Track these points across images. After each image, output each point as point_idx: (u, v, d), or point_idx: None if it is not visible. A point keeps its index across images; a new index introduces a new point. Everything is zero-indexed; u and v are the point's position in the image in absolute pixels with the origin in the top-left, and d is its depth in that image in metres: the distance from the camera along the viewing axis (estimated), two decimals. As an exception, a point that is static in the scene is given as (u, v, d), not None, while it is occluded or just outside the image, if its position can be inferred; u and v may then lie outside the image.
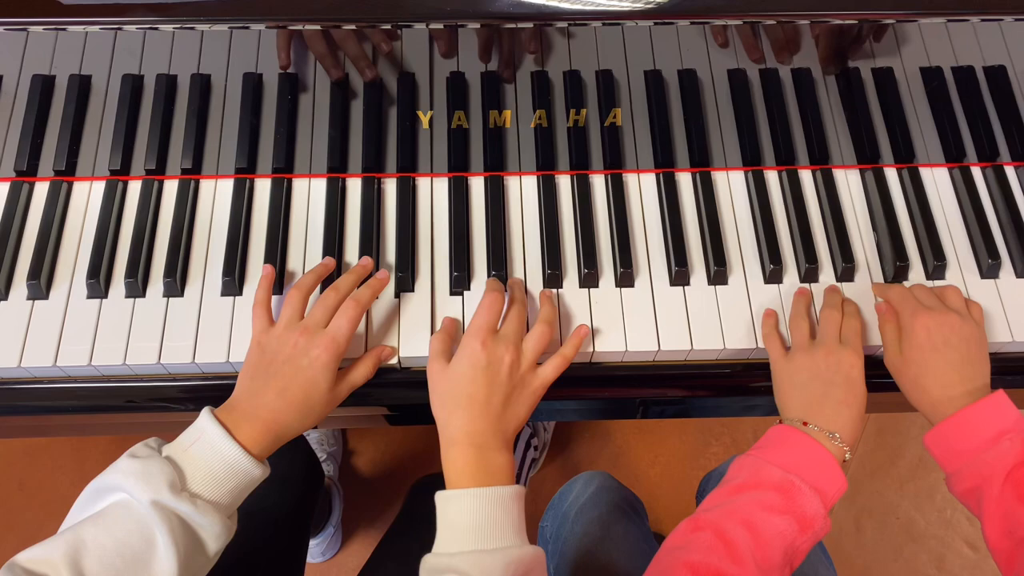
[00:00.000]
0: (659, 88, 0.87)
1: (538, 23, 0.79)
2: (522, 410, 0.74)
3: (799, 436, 0.71)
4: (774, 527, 0.66)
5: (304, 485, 1.19)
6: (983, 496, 0.67)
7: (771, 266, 0.82)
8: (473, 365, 0.71)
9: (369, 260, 0.81)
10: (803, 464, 0.69)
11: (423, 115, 0.86)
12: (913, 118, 0.89)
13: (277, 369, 0.71)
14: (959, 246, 0.86)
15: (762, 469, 0.70)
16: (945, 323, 0.74)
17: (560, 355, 0.76)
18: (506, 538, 0.67)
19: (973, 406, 0.70)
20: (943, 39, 0.87)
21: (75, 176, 0.86)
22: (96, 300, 0.80)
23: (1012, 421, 0.69)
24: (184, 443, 0.67)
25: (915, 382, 0.74)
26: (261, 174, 0.86)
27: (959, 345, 0.73)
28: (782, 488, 0.68)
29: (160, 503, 0.62)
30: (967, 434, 0.69)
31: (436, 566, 0.67)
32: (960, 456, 0.70)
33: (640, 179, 0.88)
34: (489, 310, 0.74)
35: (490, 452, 0.70)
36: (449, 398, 0.72)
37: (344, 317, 0.73)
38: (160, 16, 0.76)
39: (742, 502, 0.68)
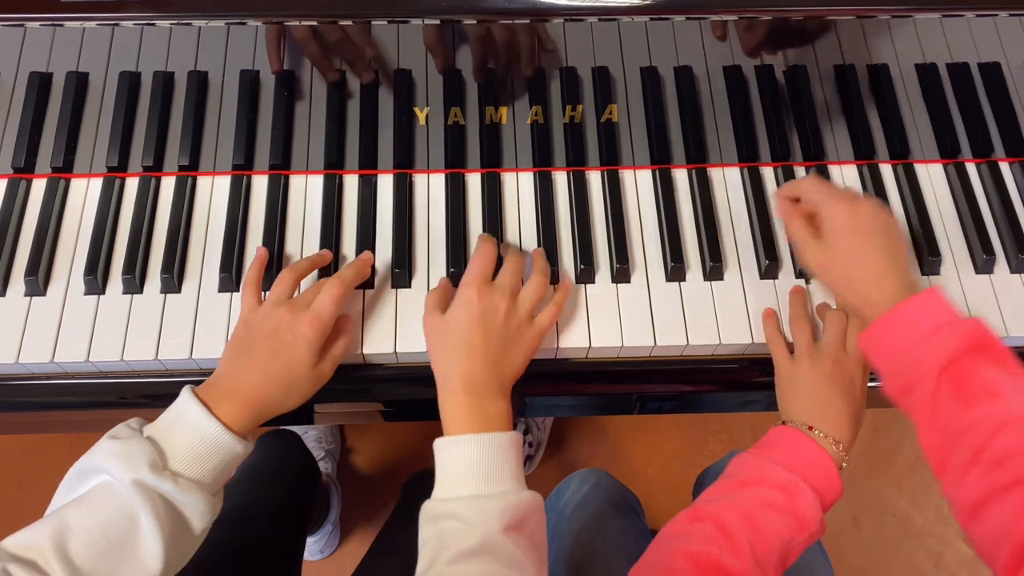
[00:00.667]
0: (655, 84, 0.87)
1: (534, 19, 0.79)
2: (518, 358, 0.74)
3: (803, 439, 0.71)
4: (774, 524, 0.66)
5: (301, 483, 1.19)
6: (917, 395, 0.65)
7: (767, 262, 0.83)
8: (469, 313, 0.72)
9: (370, 255, 0.81)
10: (807, 466, 0.70)
11: (420, 112, 0.86)
12: (908, 114, 0.89)
13: (260, 344, 0.71)
14: (954, 242, 0.86)
15: (766, 467, 0.70)
16: (868, 208, 0.73)
17: (554, 304, 0.77)
18: (504, 483, 0.67)
19: (909, 300, 0.68)
20: (937, 35, 0.87)
21: (72, 173, 0.86)
22: (94, 296, 0.80)
23: (947, 315, 0.67)
24: (164, 422, 0.67)
25: (844, 276, 0.72)
26: (258, 171, 0.86)
27: (886, 231, 0.72)
28: (785, 487, 0.68)
29: (142, 483, 0.62)
30: (903, 330, 0.67)
31: (434, 512, 0.67)
32: (895, 353, 0.68)
33: (636, 175, 0.88)
34: (483, 259, 0.75)
35: (487, 399, 0.71)
36: (446, 346, 0.72)
37: (328, 294, 0.73)
38: (157, 12, 0.76)
39: (744, 497, 0.68)
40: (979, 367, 0.63)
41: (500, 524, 0.64)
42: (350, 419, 1.37)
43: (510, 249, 0.80)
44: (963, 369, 0.63)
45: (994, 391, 0.62)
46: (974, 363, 0.63)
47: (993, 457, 0.59)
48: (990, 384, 0.62)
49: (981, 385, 0.62)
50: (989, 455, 0.59)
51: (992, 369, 0.63)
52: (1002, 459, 0.58)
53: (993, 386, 0.62)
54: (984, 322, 0.66)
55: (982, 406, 0.61)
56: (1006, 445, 0.59)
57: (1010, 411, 0.61)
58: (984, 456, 0.59)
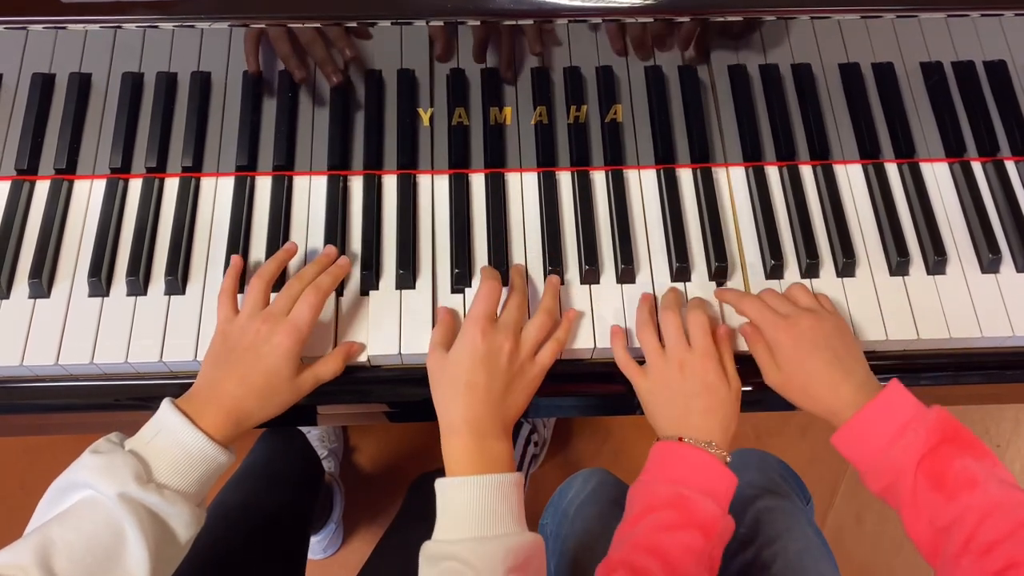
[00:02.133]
0: (659, 84, 0.87)
1: (538, 19, 0.79)
2: (521, 398, 0.74)
3: (677, 448, 0.72)
4: (679, 543, 0.67)
5: (304, 482, 1.19)
6: (898, 491, 0.67)
7: (772, 262, 0.82)
8: (472, 353, 0.72)
9: (333, 249, 0.81)
10: (687, 474, 0.70)
11: (423, 112, 0.86)
12: (913, 113, 0.89)
13: (239, 356, 0.71)
14: (959, 241, 0.86)
15: (651, 491, 0.71)
16: (806, 327, 0.73)
17: (555, 340, 0.77)
18: (506, 525, 0.67)
19: (870, 405, 0.69)
20: (943, 34, 0.87)
21: (76, 174, 0.86)
22: (98, 298, 0.80)
23: (911, 411, 0.68)
24: (146, 435, 0.67)
25: (804, 392, 0.73)
26: (262, 172, 0.86)
27: (827, 342, 0.73)
28: (674, 503, 0.69)
29: (127, 496, 0.61)
30: (871, 434, 0.69)
31: (435, 553, 0.67)
32: (868, 456, 0.69)
33: (641, 175, 0.88)
34: (487, 298, 0.75)
35: (489, 440, 0.71)
36: (448, 386, 0.72)
37: (305, 304, 0.73)
38: (160, 14, 0.76)
39: (642, 529, 0.68)
40: (952, 459, 0.65)
41: (503, 567, 0.64)
42: (354, 420, 1.37)
43: (515, 282, 0.79)
44: (937, 463, 0.65)
45: (971, 481, 0.64)
46: (947, 456, 0.65)
47: (982, 546, 0.61)
48: (966, 474, 0.64)
49: (957, 476, 0.64)
50: (977, 544, 0.61)
51: (964, 459, 0.65)
52: (991, 546, 0.60)
53: (970, 476, 0.64)
54: (945, 411, 0.68)
55: (963, 497, 0.63)
56: (993, 532, 0.61)
57: (990, 499, 0.62)
58: (973, 545, 0.61)
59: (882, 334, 0.80)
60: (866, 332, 0.80)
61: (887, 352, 0.82)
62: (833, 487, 1.63)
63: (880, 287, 0.83)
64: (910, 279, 0.83)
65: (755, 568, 0.89)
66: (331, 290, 0.76)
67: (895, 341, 0.80)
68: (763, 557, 0.89)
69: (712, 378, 0.74)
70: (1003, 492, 0.63)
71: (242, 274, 0.80)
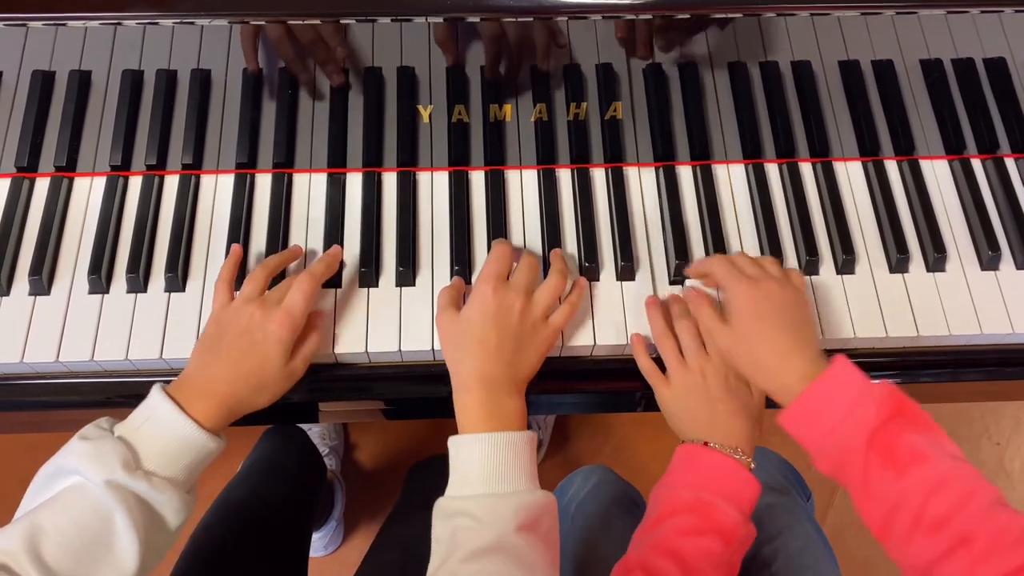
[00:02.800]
0: (659, 81, 0.87)
1: (538, 17, 0.79)
2: (533, 357, 0.74)
3: (702, 452, 0.72)
4: (698, 548, 0.67)
5: (306, 479, 1.20)
6: (849, 469, 0.66)
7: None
8: (483, 311, 0.72)
9: (339, 248, 0.81)
10: (711, 479, 0.70)
11: (423, 109, 0.86)
12: (913, 110, 0.89)
13: (231, 342, 0.71)
14: (959, 238, 0.86)
15: (673, 495, 0.71)
16: (766, 290, 0.73)
17: (568, 303, 0.77)
18: (518, 483, 0.67)
19: (817, 382, 0.67)
20: (942, 31, 0.87)
21: (76, 172, 0.86)
22: (98, 295, 0.80)
23: (858, 387, 0.67)
24: (135, 421, 0.67)
25: (751, 358, 0.72)
26: (262, 169, 0.86)
27: (784, 310, 0.72)
28: (695, 508, 0.69)
29: (115, 482, 0.61)
30: (819, 413, 0.67)
31: (448, 509, 0.67)
32: (818, 435, 0.68)
33: (640, 172, 0.88)
34: (499, 259, 0.75)
35: (502, 397, 0.71)
36: (460, 344, 0.72)
37: (299, 291, 0.73)
38: (160, 11, 0.76)
39: (662, 533, 0.68)
40: (902, 434, 0.64)
41: (514, 523, 0.64)
42: (354, 417, 1.37)
43: (525, 251, 0.80)
44: (887, 438, 0.64)
45: (920, 455, 0.63)
46: (897, 430, 0.64)
47: (932, 521, 0.60)
48: (915, 449, 0.63)
49: (907, 451, 0.63)
50: (928, 519, 0.60)
51: (913, 433, 0.64)
52: (941, 521, 0.60)
53: (918, 451, 0.63)
54: (892, 384, 0.67)
55: (913, 472, 0.62)
56: (942, 507, 0.60)
57: (939, 473, 0.62)
58: (923, 521, 0.60)
59: (882, 331, 0.80)
60: (866, 329, 0.80)
61: (887, 349, 0.82)
62: (834, 484, 1.63)
63: (880, 284, 0.83)
64: (910, 276, 0.83)
65: (756, 565, 0.89)
66: (324, 277, 0.77)
67: (895, 338, 0.80)
68: (763, 554, 0.89)
69: (734, 383, 0.74)
70: (949, 466, 0.62)
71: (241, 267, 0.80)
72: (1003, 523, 0.59)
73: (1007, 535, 0.58)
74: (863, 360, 0.82)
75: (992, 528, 0.58)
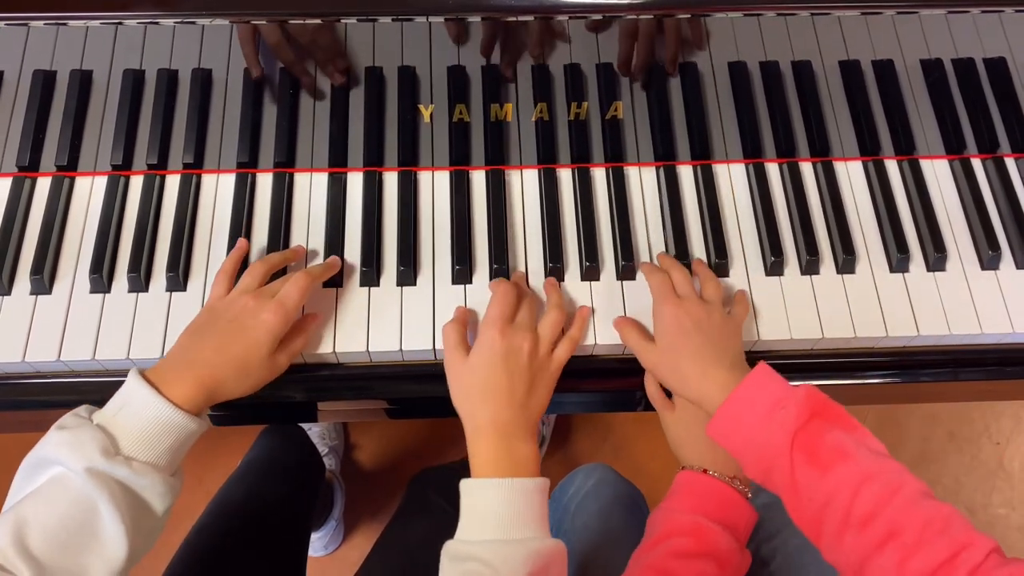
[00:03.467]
0: (660, 81, 0.87)
1: (539, 16, 0.79)
2: (543, 396, 0.75)
3: (701, 479, 0.73)
4: (693, 570, 0.68)
5: (305, 479, 1.20)
6: (777, 473, 0.66)
7: (772, 258, 0.82)
8: (493, 355, 0.72)
9: (339, 260, 0.81)
10: (709, 505, 0.72)
11: (424, 109, 0.86)
12: (913, 110, 0.89)
13: (221, 327, 0.71)
14: (959, 238, 0.86)
15: (671, 518, 0.72)
16: (693, 311, 0.74)
17: (569, 338, 0.77)
18: (529, 529, 0.67)
19: (737, 390, 0.68)
20: (943, 31, 0.87)
21: (77, 171, 0.86)
22: (99, 295, 0.80)
23: (779, 390, 0.68)
24: (113, 408, 0.66)
25: (675, 373, 0.73)
26: (263, 169, 0.86)
27: (707, 328, 0.73)
28: (692, 531, 0.69)
29: (95, 470, 0.61)
30: (742, 416, 0.68)
31: (458, 552, 0.67)
32: (743, 441, 0.68)
33: (641, 172, 0.88)
34: (504, 299, 0.75)
35: (516, 442, 0.71)
36: (473, 390, 0.72)
37: (295, 286, 0.73)
38: (161, 11, 0.76)
39: (659, 553, 0.69)
40: (823, 433, 0.65)
41: (524, 571, 0.64)
42: (354, 417, 1.37)
43: (522, 284, 0.80)
44: (810, 438, 0.65)
45: (844, 453, 0.63)
46: (818, 430, 0.65)
47: (860, 517, 0.61)
48: (838, 447, 0.64)
49: (830, 450, 0.64)
50: (856, 516, 0.61)
51: (835, 432, 0.65)
52: (868, 517, 0.60)
53: (842, 448, 0.64)
54: (813, 387, 0.68)
55: (837, 470, 0.63)
56: (869, 502, 0.61)
57: (863, 469, 0.62)
58: (852, 518, 0.61)
59: (882, 330, 0.80)
60: (866, 329, 0.80)
61: (887, 348, 0.82)
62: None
63: (880, 284, 0.83)
64: (910, 276, 0.83)
65: (755, 564, 0.89)
66: (321, 279, 0.77)
67: (895, 337, 0.80)
68: (762, 553, 0.89)
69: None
70: (874, 461, 0.63)
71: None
72: (929, 514, 0.59)
73: (933, 525, 0.58)
74: (863, 359, 0.83)
75: (918, 519, 0.59)
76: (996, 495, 1.66)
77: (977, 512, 1.64)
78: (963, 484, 1.67)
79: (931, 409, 1.72)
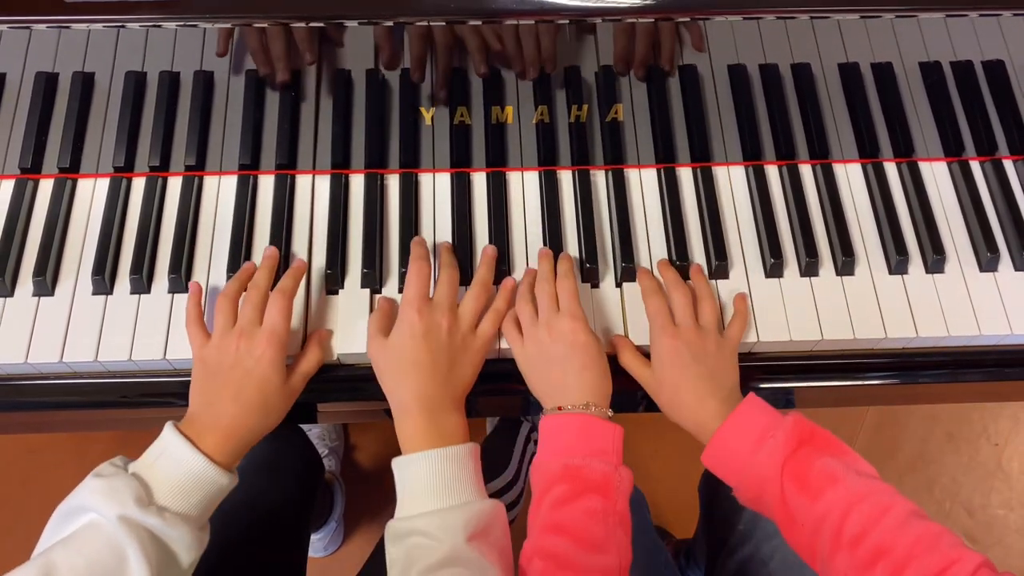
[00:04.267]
0: (660, 84, 0.87)
1: (540, 19, 0.79)
2: (468, 371, 0.76)
3: (558, 420, 0.73)
4: (579, 511, 0.68)
5: (305, 479, 1.19)
6: (768, 500, 0.68)
7: (771, 260, 0.83)
8: (412, 334, 0.73)
9: (274, 249, 0.81)
10: (572, 442, 0.71)
11: (425, 111, 0.86)
12: (912, 113, 0.90)
13: (226, 377, 0.72)
14: (958, 240, 0.86)
15: (544, 469, 0.72)
16: (692, 342, 0.75)
17: (493, 311, 0.78)
18: (464, 494, 0.68)
19: (728, 420, 0.70)
20: (941, 34, 0.87)
21: (79, 173, 0.86)
22: (101, 296, 0.80)
23: (767, 420, 0.70)
24: (148, 458, 0.68)
25: (673, 402, 0.75)
26: (264, 171, 0.86)
27: (703, 358, 0.74)
28: (564, 476, 0.69)
29: (128, 518, 0.62)
30: (732, 448, 0.70)
31: (399, 530, 0.68)
32: (735, 468, 0.70)
33: (641, 174, 0.88)
34: (418, 279, 0.76)
35: (441, 414, 0.72)
36: (395, 368, 0.74)
37: (275, 310, 0.74)
38: (164, 14, 0.76)
39: (544, 510, 0.69)
40: (812, 459, 0.66)
41: (464, 534, 0.65)
42: (354, 418, 1.38)
43: (443, 259, 0.80)
44: (799, 464, 0.66)
45: (833, 477, 0.65)
46: (807, 457, 0.67)
47: (851, 538, 0.62)
48: (827, 472, 0.65)
49: (820, 475, 0.65)
50: (847, 537, 0.62)
51: (824, 457, 0.66)
52: (859, 537, 0.61)
53: (831, 473, 0.65)
54: (800, 415, 0.69)
55: (827, 494, 0.64)
56: (858, 524, 0.62)
57: (852, 492, 0.64)
58: (843, 539, 0.62)
59: (881, 332, 0.81)
60: (865, 330, 0.80)
61: (886, 350, 0.83)
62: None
63: (879, 286, 0.83)
64: (909, 278, 0.84)
65: (753, 563, 0.90)
66: (295, 291, 0.77)
67: (894, 339, 0.81)
68: (761, 553, 0.89)
69: (583, 337, 0.74)
70: (863, 484, 0.64)
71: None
72: (918, 533, 0.60)
73: (922, 543, 0.59)
74: (863, 361, 0.83)
75: (908, 538, 0.60)
76: (994, 496, 1.66)
77: (975, 513, 1.65)
78: (961, 485, 1.67)
79: (930, 409, 1.73)
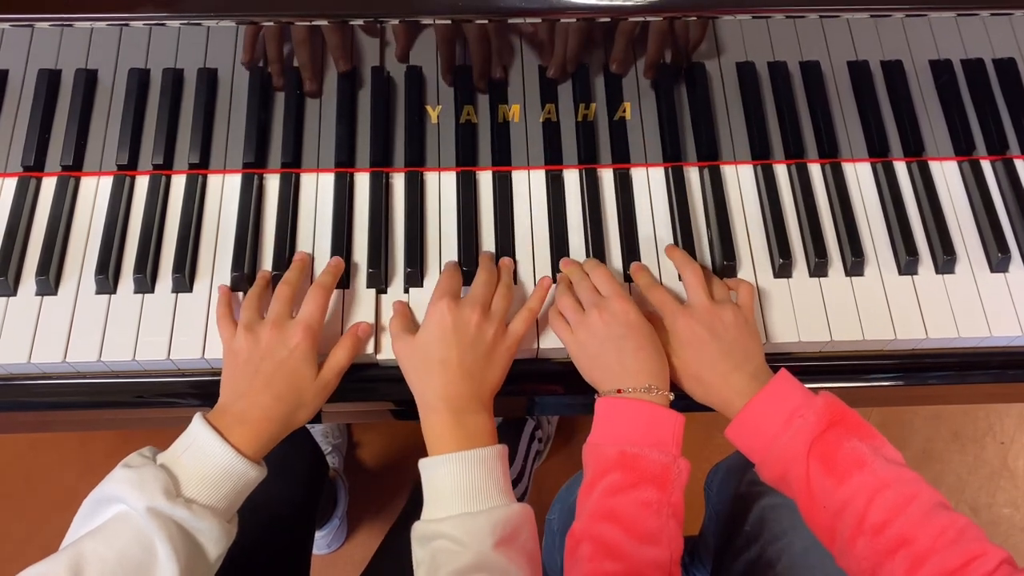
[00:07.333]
0: (668, 82, 0.87)
1: (547, 18, 0.79)
2: (497, 370, 0.74)
3: (617, 404, 0.71)
4: (634, 502, 0.66)
5: (308, 477, 1.19)
6: (792, 479, 0.67)
7: (780, 260, 0.82)
8: (441, 329, 0.72)
9: (305, 254, 0.81)
10: (631, 429, 0.70)
11: (432, 110, 0.85)
12: (922, 111, 0.89)
13: (256, 366, 0.71)
14: (969, 240, 0.85)
15: (599, 453, 0.70)
16: (705, 317, 0.74)
17: (526, 308, 0.76)
18: (492, 498, 0.67)
19: (758, 395, 0.69)
20: (952, 32, 0.86)
21: (82, 171, 0.85)
22: (105, 296, 0.80)
23: (799, 399, 0.68)
24: (177, 450, 0.67)
25: (698, 381, 0.73)
26: (269, 169, 0.86)
27: (723, 334, 0.73)
28: (621, 464, 0.68)
29: (156, 510, 0.62)
30: (760, 424, 0.69)
31: (425, 533, 0.67)
32: (761, 445, 0.69)
33: (649, 173, 0.88)
34: (450, 277, 0.76)
35: (468, 415, 0.71)
36: (421, 366, 0.72)
37: (313, 303, 0.73)
38: (167, 12, 0.76)
39: (597, 495, 0.68)
40: (841, 442, 0.66)
41: (492, 540, 0.64)
42: (359, 418, 1.37)
43: (483, 262, 0.79)
44: (827, 446, 0.66)
45: (860, 461, 0.64)
46: (836, 439, 0.66)
47: (874, 524, 0.61)
48: (855, 456, 0.65)
49: (847, 458, 0.65)
50: (870, 523, 0.62)
51: (853, 440, 0.65)
52: (882, 525, 0.61)
53: (858, 457, 0.64)
54: (832, 395, 0.69)
55: (853, 478, 0.64)
56: (883, 511, 0.61)
57: (879, 478, 0.63)
58: (866, 525, 0.62)
59: (891, 333, 0.80)
60: (874, 331, 0.80)
61: (895, 351, 0.82)
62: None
63: (889, 286, 0.82)
64: (919, 278, 0.83)
65: (760, 565, 0.89)
66: (332, 288, 0.77)
67: (904, 340, 0.80)
68: (768, 554, 0.89)
69: (633, 317, 0.73)
70: (890, 471, 0.63)
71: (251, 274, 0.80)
72: (943, 525, 0.60)
73: (946, 534, 0.59)
74: (872, 362, 0.82)
75: (932, 530, 0.59)
76: (1000, 494, 1.66)
77: (981, 512, 1.64)
78: (967, 483, 1.67)
79: (936, 408, 1.72)
